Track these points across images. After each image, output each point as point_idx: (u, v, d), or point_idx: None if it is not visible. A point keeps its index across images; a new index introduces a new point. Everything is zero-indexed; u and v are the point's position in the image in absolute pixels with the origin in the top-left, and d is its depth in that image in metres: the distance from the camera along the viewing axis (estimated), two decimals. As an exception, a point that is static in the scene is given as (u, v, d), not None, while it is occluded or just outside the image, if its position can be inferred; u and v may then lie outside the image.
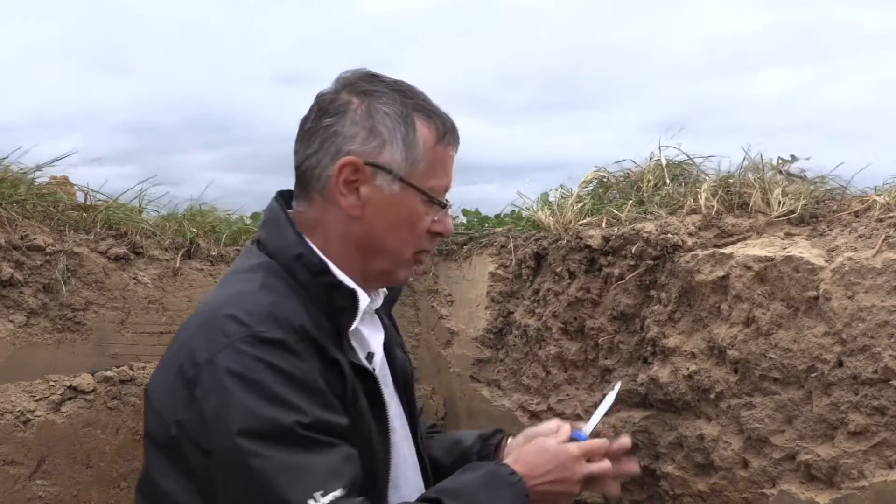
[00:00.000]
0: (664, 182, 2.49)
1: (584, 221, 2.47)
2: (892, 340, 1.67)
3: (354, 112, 1.37)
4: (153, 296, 2.46)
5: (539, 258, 2.58)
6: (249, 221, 2.91)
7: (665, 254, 2.17)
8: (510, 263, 2.68)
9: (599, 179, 2.74)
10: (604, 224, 2.39)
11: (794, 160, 2.40)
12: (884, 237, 1.77)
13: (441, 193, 1.43)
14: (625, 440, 1.65)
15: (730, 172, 2.38)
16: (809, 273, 1.81)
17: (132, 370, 2.38)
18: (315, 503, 1.15)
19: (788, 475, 1.89)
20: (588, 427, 1.47)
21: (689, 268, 2.08)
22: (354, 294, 1.35)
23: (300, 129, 1.43)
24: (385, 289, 1.54)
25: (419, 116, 1.39)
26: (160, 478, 1.28)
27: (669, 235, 2.15)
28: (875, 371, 1.70)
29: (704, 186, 2.29)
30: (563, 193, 2.72)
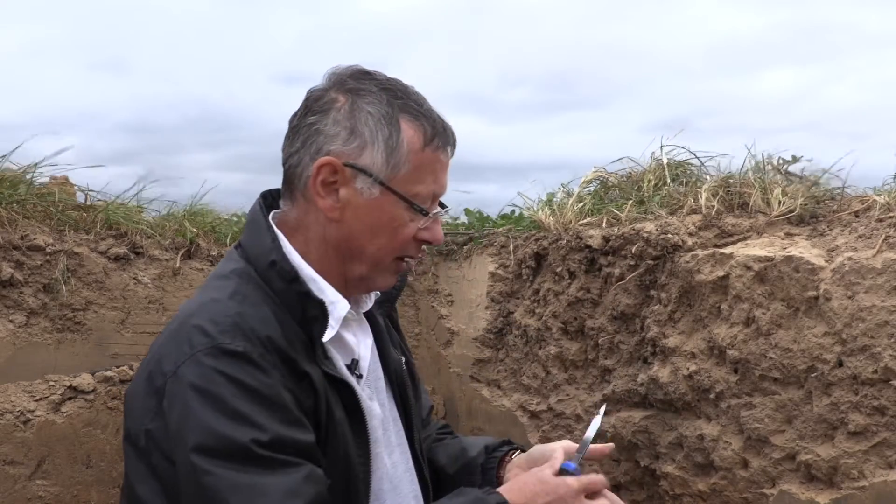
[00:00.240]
0: (665, 182, 2.49)
1: (585, 221, 2.47)
2: (892, 340, 1.67)
3: (338, 111, 1.33)
4: (153, 296, 2.46)
5: (539, 258, 2.58)
6: (249, 221, 2.91)
7: (665, 254, 2.17)
8: (510, 263, 2.68)
9: (600, 179, 2.74)
10: (604, 224, 2.39)
11: (796, 160, 2.40)
12: (884, 237, 1.77)
13: (426, 200, 1.35)
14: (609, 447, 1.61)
15: (730, 172, 2.39)
16: (809, 273, 1.81)
17: (132, 370, 2.37)
18: None
19: (788, 475, 1.89)
20: (578, 457, 1.45)
21: (690, 268, 2.08)
22: (323, 304, 1.32)
23: (288, 126, 1.39)
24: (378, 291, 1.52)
25: (406, 118, 1.33)
26: (137, 483, 1.26)
27: (669, 235, 2.15)
28: (875, 371, 1.70)
29: (705, 186, 2.29)
30: (564, 194, 2.72)
